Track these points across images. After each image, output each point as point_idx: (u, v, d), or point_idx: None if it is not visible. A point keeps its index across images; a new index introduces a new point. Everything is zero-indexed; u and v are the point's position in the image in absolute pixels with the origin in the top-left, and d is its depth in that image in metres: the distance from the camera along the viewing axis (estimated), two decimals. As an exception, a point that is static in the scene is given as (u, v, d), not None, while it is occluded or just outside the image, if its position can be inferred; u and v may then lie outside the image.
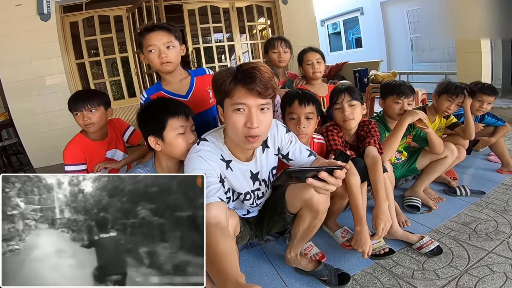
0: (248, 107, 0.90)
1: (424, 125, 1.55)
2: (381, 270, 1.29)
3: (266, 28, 4.78)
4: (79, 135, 1.62)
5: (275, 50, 2.02)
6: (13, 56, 3.24)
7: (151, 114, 1.16)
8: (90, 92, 1.73)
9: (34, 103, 3.41)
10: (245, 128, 0.91)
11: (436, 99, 1.89)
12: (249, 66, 0.90)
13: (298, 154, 1.19)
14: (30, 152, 3.48)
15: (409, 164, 1.85)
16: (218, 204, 0.88)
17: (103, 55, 3.94)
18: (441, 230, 1.53)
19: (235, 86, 0.89)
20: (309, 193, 1.07)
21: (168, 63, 1.35)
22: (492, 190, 1.89)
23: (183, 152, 1.13)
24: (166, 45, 1.33)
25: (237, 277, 0.64)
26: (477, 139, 2.17)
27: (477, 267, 1.24)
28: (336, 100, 1.49)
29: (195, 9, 4.13)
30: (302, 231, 1.22)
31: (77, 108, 1.50)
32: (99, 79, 4.17)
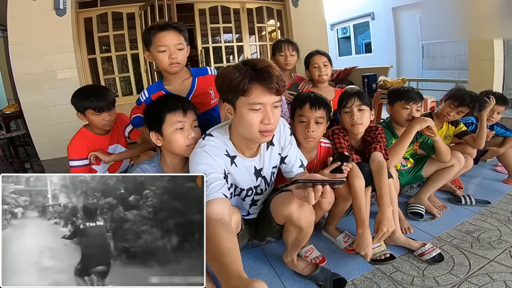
0: (264, 106, 0.91)
1: (432, 133, 1.54)
2: (381, 275, 1.29)
3: (275, 30, 4.80)
4: (83, 129, 1.62)
5: (282, 53, 2.02)
6: (27, 50, 3.31)
7: (152, 110, 1.18)
8: (104, 89, 1.63)
9: (45, 96, 3.48)
10: (262, 125, 0.93)
11: (441, 104, 1.87)
12: (264, 65, 0.90)
13: (293, 160, 1.20)
14: (38, 144, 3.55)
15: (415, 171, 1.84)
16: (222, 200, 0.89)
17: (114, 51, 4.00)
18: (443, 237, 1.52)
19: (253, 85, 0.89)
20: (288, 209, 1.07)
21: (177, 64, 1.35)
22: (498, 200, 1.86)
23: (182, 148, 1.14)
24: (177, 47, 1.33)
25: (240, 272, 0.64)
26: (486, 149, 2.14)
27: (477, 275, 1.23)
28: (346, 103, 1.47)
29: (206, 8, 4.17)
30: (292, 242, 1.23)
31: (102, 109, 1.50)
32: (109, 74, 4.23)
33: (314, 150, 1.44)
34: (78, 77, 3.55)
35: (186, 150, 1.14)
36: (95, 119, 1.52)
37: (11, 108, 4.10)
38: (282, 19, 4.62)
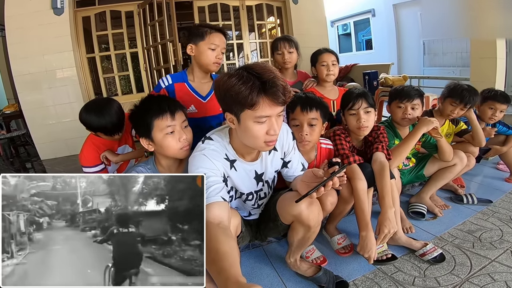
0: (269, 117, 0.90)
1: (438, 134, 1.52)
2: (382, 276, 1.28)
3: (275, 27, 4.77)
4: (91, 136, 1.60)
5: (279, 52, 1.99)
6: (25, 49, 3.30)
7: (138, 116, 1.13)
8: (120, 117, 1.49)
9: (44, 95, 3.47)
10: (267, 136, 0.92)
11: (441, 102, 1.85)
12: (270, 77, 0.86)
13: (295, 165, 1.19)
14: (38, 143, 3.54)
15: (417, 170, 1.83)
16: (220, 204, 0.88)
17: (113, 50, 3.98)
18: (445, 237, 1.51)
19: (261, 99, 0.86)
20: (298, 208, 1.05)
21: (218, 64, 1.51)
22: (499, 199, 1.85)
23: (175, 152, 1.12)
24: (223, 50, 1.51)
25: (238, 277, 0.64)
26: (489, 147, 2.13)
27: (478, 276, 1.23)
28: (352, 105, 1.42)
29: (205, 6, 4.14)
30: (297, 241, 1.21)
31: (116, 133, 1.50)
32: (109, 73, 4.21)
33: (314, 151, 1.43)
34: (77, 76, 3.53)
35: (179, 152, 1.13)
36: (107, 138, 1.53)
37: (11, 107, 4.09)
38: (282, 16, 4.59)
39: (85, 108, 1.46)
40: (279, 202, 1.16)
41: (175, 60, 3.61)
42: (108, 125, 1.44)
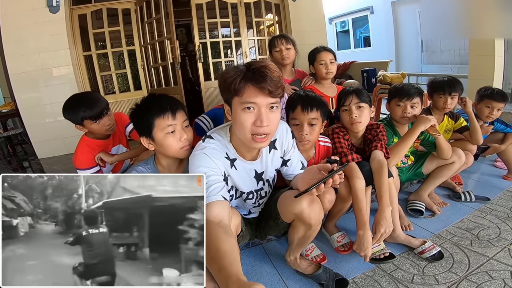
0: (257, 106, 0.90)
1: (436, 132, 1.53)
2: (381, 273, 1.29)
3: (273, 24, 4.74)
4: (84, 138, 1.59)
5: (277, 49, 1.99)
6: (21, 48, 3.26)
7: (138, 115, 1.13)
8: (91, 94, 1.57)
9: (41, 94, 3.43)
10: (254, 127, 0.91)
11: (430, 99, 1.86)
12: (259, 65, 0.89)
13: (295, 163, 1.19)
14: (35, 142, 3.51)
15: (415, 168, 1.83)
16: (221, 203, 0.88)
17: (110, 47, 3.94)
18: (443, 235, 1.52)
19: (245, 85, 0.88)
20: (299, 206, 1.05)
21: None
22: (497, 196, 1.87)
23: (176, 151, 1.12)
24: None
25: (239, 275, 0.64)
26: (488, 145, 2.14)
27: (476, 273, 1.24)
28: (344, 102, 1.46)
29: (202, 3, 4.09)
30: (298, 240, 1.21)
31: (100, 116, 1.47)
32: (106, 71, 4.17)
33: (312, 149, 1.43)
34: (74, 74, 3.50)
35: (180, 152, 1.12)
36: (96, 127, 1.50)
37: (7, 106, 4.05)
38: (280, 13, 4.56)
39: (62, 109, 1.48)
40: (280, 200, 1.16)
41: (173, 58, 3.60)
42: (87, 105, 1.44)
